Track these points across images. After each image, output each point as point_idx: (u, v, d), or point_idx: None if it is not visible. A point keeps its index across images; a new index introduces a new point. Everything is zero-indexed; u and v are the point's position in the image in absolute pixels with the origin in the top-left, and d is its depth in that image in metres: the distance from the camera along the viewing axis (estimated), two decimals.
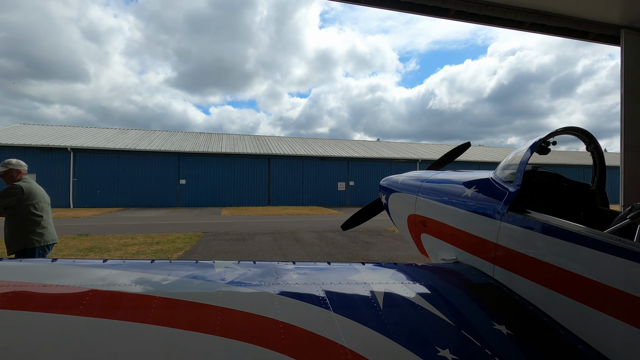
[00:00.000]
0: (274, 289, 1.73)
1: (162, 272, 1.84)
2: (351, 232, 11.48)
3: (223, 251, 8.66)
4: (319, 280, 1.88)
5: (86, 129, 28.41)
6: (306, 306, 1.64)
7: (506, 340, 1.56)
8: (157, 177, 23.47)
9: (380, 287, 1.88)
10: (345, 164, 27.32)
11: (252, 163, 25.38)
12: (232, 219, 16.10)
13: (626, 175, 4.48)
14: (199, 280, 1.78)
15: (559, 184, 2.79)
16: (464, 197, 2.62)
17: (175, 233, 11.31)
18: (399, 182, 4.03)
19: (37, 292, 1.55)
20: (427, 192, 3.24)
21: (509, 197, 2.18)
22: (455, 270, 2.37)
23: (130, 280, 1.71)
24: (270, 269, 1.98)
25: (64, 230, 11.71)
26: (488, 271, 2.24)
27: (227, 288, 1.71)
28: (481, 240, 2.33)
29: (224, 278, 1.80)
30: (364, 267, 2.16)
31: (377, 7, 4.37)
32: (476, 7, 4.33)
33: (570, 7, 4.43)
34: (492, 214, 2.26)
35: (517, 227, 2.04)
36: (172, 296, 1.60)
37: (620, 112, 4.54)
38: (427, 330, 1.57)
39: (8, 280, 1.60)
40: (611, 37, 4.81)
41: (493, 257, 2.19)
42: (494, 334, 1.59)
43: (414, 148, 33.96)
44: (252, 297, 1.66)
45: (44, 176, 21.20)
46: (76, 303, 1.49)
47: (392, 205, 4.22)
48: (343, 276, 1.98)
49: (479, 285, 2.12)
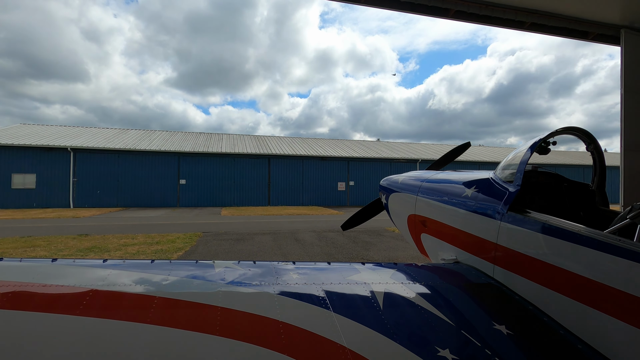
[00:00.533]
0: (274, 289, 1.73)
1: (162, 272, 1.84)
2: (351, 232, 11.48)
3: (223, 251, 8.66)
4: (319, 280, 1.88)
5: (86, 129, 28.41)
6: (306, 306, 1.64)
7: (506, 340, 1.56)
8: (157, 177, 23.47)
9: (380, 287, 1.88)
10: (345, 164, 27.32)
11: (252, 163, 25.38)
12: (232, 219, 16.10)
13: (626, 175, 4.48)
14: (199, 280, 1.78)
15: (559, 184, 2.79)
16: (464, 197, 2.62)
17: (175, 233, 11.31)
18: (399, 182, 4.03)
19: (37, 292, 1.55)
20: (427, 192, 3.24)
21: (509, 197, 2.19)
22: (455, 270, 2.37)
23: (131, 280, 1.71)
24: (270, 269, 1.99)
25: (64, 230, 11.71)
26: (488, 271, 2.24)
27: (227, 288, 1.71)
28: (481, 240, 2.33)
29: (224, 278, 1.80)
30: (364, 267, 2.16)
31: (377, 7, 4.38)
32: (476, 7, 4.33)
33: (570, 7, 4.43)
34: (492, 214, 2.26)
35: (517, 227, 2.03)
36: (172, 296, 1.60)
37: (620, 112, 4.54)
38: (427, 330, 1.57)
39: (8, 280, 1.60)
40: (611, 37, 4.80)
41: (493, 257, 2.19)
42: (494, 334, 1.59)
43: (414, 148, 33.96)
44: (252, 297, 1.67)
45: (44, 176, 21.23)
46: (76, 303, 1.49)
47: (392, 205, 4.23)
48: (343, 276, 1.99)
49: (479, 285, 2.12)
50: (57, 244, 9.21)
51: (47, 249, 8.51)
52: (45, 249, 8.50)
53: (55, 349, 1.26)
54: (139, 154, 23.18)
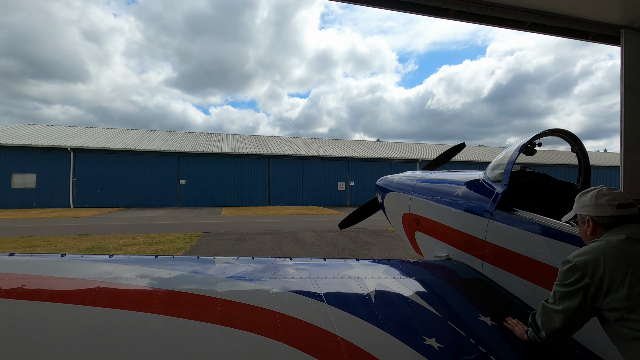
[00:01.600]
0: (271, 282, 1.81)
1: (165, 266, 1.92)
2: (351, 232, 11.49)
3: (223, 251, 8.66)
4: (315, 275, 1.97)
5: (86, 129, 28.40)
6: (302, 299, 1.72)
7: (490, 331, 1.65)
8: (157, 177, 23.46)
9: (372, 281, 1.97)
10: (345, 164, 27.32)
11: (252, 163, 25.37)
12: (232, 219, 16.10)
13: (626, 176, 4.47)
14: (200, 275, 1.85)
15: (546, 183, 2.86)
16: (455, 197, 2.73)
17: (175, 233, 11.31)
18: (395, 182, 4.10)
19: (48, 284, 1.62)
20: (421, 192, 3.34)
21: (497, 196, 2.27)
22: (446, 267, 2.45)
23: (136, 274, 1.78)
24: (268, 264, 2.06)
25: (64, 230, 11.71)
26: (477, 267, 2.33)
27: (227, 281, 1.79)
28: (471, 237, 2.42)
29: (224, 272, 1.90)
30: (358, 263, 2.26)
31: (377, 7, 4.37)
32: (476, 7, 4.32)
33: (570, 7, 4.42)
34: (481, 213, 2.35)
35: (504, 225, 2.13)
36: (175, 288, 1.67)
37: (620, 112, 4.54)
38: (415, 321, 1.66)
39: (21, 274, 1.68)
40: (611, 37, 4.80)
41: (482, 253, 2.28)
42: (479, 325, 1.68)
43: (413, 148, 33.96)
44: (250, 290, 1.75)
45: (44, 176, 21.22)
46: (85, 294, 1.55)
47: (387, 205, 4.29)
48: (337, 271, 2.08)
49: (467, 280, 2.20)
50: (57, 244, 9.20)
51: (47, 249, 8.50)
52: (45, 249, 8.50)
53: (66, 337, 1.32)
54: (139, 154, 23.15)
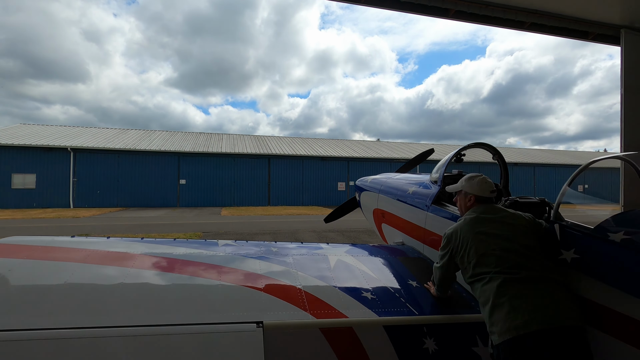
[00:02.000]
0: (259, 256, 2.48)
1: (176, 244, 2.56)
2: (352, 232, 11.50)
3: None
4: (291, 253, 2.62)
5: (86, 129, 28.40)
6: (278, 266, 2.35)
7: (413, 289, 2.28)
8: (157, 177, 23.45)
9: (334, 257, 2.60)
10: (345, 164, 27.32)
11: (252, 163, 25.37)
12: (232, 219, 16.10)
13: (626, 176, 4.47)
14: (206, 251, 2.46)
15: None
16: (408, 195, 3.42)
17: (175, 233, 11.31)
18: (368, 182, 4.80)
19: (64, 247, 2.28)
20: (386, 191, 4.04)
21: (433, 194, 2.95)
22: (396, 248, 3.14)
23: (148, 249, 2.40)
24: (258, 246, 2.72)
25: (64, 231, 11.72)
26: (420, 249, 3.02)
27: (226, 255, 2.43)
28: (416, 226, 3.11)
29: (224, 250, 2.54)
30: (327, 245, 2.91)
31: (377, 7, 4.36)
32: (476, 7, 4.32)
33: (570, 7, 4.42)
34: (422, 207, 3.04)
35: (436, 215, 2.80)
36: (185, 258, 2.31)
37: (620, 112, 4.54)
38: (359, 280, 2.27)
39: (38, 245, 2.30)
40: (611, 37, 4.80)
41: (423, 238, 2.96)
42: (406, 286, 2.30)
43: (413, 148, 33.95)
44: (242, 260, 2.38)
45: (44, 176, 21.23)
46: (119, 257, 2.23)
47: (363, 201, 4.98)
48: (309, 250, 2.73)
49: (408, 258, 2.86)
50: None
51: None
52: None
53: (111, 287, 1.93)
54: (139, 154, 23.15)
